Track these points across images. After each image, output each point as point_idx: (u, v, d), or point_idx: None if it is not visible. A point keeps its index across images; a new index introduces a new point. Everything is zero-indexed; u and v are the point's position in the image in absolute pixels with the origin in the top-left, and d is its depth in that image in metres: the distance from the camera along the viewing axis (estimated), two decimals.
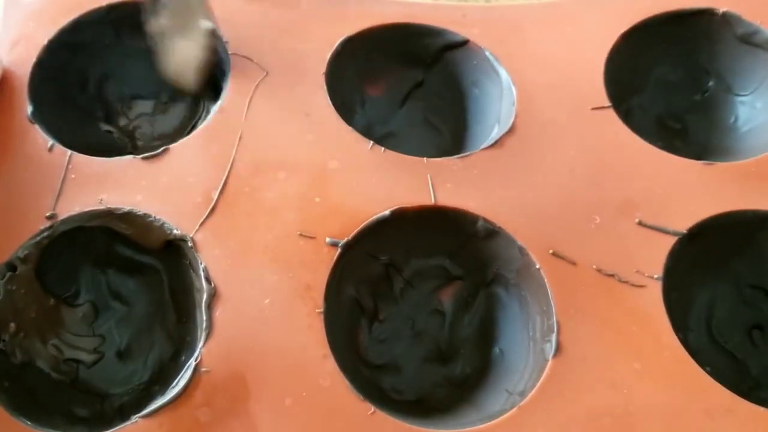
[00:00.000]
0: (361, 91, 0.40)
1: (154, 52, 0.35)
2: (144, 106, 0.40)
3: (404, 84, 0.41)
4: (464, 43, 0.39)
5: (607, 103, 0.36)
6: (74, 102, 0.38)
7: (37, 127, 0.33)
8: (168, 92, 0.40)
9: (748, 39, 0.38)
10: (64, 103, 0.37)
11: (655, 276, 0.30)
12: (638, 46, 0.39)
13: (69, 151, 0.32)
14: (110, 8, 0.38)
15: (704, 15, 0.39)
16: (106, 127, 0.39)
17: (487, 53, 0.38)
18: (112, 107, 0.39)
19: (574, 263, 0.30)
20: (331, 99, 0.35)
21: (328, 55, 0.37)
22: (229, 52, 0.36)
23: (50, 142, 0.33)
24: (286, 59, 0.36)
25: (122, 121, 0.39)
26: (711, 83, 0.40)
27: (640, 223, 0.31)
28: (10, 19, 0.37)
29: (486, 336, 0.32)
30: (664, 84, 0.41)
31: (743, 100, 0.39)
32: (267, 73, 0.36)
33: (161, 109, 0.40)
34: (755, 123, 0.38)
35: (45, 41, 0.36)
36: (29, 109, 0.34)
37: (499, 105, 0.38)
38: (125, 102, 0.40)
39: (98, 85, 0.39)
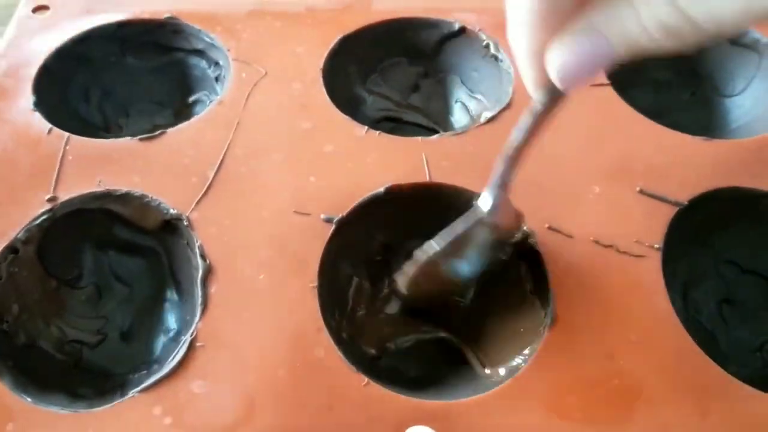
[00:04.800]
0: (366, 87, 0.41)
1: None
2: (142, 123, 0.41)
3: (408, 76, 0.42)
4: (461, 31, 0.39)
5: (605, 81, 0.36)
6: (76, 109, 0.39)
7: (38, 114, 0.34)
8: (165, 112, 0.41)
9: (738, 40, 0.38)
10: (66, 107, 0.39)
11: (656, 246, 0.29)
12: None
13: (67, 134, 0.33)
14: (119, 25, 0.39)
15: None
16: (103, 134, 0.39)
17: (483, 37, 0.38)
18: (111, 120, 0.40)
19: (571, 236, 0.30)
20: (335, 96, 0.36)
21: (326, 53, 0.37)
22: (230, 58, 0.37)
23: (49, 126, 0.33)
24: (284, 60, 0.38)
25: (120, 133, 0.40)
26: (700, 82, 0.40)
27: (641, 192, 0.31)
28: (21, 27, 0.39)
29: (484, 314, 0.32)
30: (654, 81, 0.41)
31: (731, 99, 0.39)
32: (266, 72, 0.37)
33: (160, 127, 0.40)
34: (743, 122, 0.38)
35: (54, 48, 0.37)
36: (32, 99, 0.35)
37: (500, 87, 0.38)
38: (123, 117, 0.41)
39: (99, 98, 0.40)
